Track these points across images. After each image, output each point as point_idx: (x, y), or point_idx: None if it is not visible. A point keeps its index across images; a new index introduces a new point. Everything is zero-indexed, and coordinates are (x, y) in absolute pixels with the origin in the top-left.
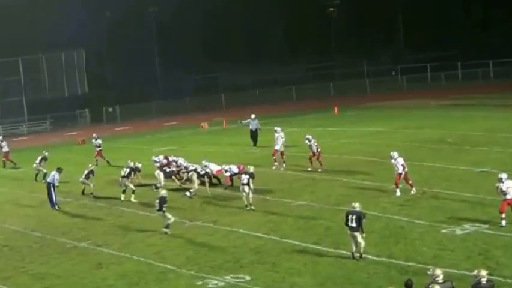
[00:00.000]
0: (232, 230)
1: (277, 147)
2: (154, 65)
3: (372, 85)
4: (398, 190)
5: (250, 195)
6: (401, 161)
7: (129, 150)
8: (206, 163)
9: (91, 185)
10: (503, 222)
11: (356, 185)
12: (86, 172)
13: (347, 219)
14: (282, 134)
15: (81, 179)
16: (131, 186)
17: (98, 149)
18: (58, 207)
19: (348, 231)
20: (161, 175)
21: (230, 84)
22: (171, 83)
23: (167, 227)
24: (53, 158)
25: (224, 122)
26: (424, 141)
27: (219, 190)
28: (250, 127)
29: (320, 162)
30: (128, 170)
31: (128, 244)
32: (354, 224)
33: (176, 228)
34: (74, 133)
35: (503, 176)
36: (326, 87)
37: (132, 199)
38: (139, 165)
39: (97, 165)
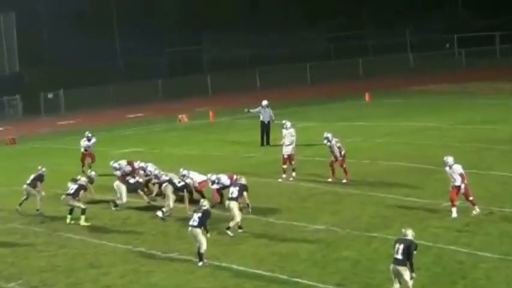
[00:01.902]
0: (221, 265)
1: (286, 151)
2: (113, 34)
3: (418, 62)
4: (454, 210)
5: (239, 217)
6: (458, 169)
7: (77, 153)
8: (185, 172)
9: (38, 197)
10: None
11: (396, 203)
12: (32, 177)
13: (394, 249)
14: (292, 130)
15: (25, 186)
16: (81, 205)
17: (84, 150)
18: None
19: (391, 265)
20: (123, 188)
21: (219, 61)
22: (136, 58)
23: (201, 257)
24: None
25: (211, 113)
26: (492, 141)
27: None
28: (261, 118)
29: (344, 170)
30: (75, 187)
31: (76, 285)
32: (400, 256)
33: (143, 262)
34: (1, 128)
35: None
36: (354, 64)
37: (82, 222)
38: (92, 174)
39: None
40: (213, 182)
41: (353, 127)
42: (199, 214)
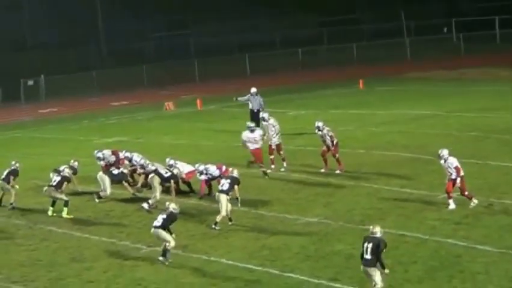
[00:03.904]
0: (210, 259)
1: (273, 141)
2: (96, 17)
3: (414, 47)
4: (451, 201)
5: (229, 207)
6: (454, 162)
7: (59, 143)
8: (172, 161)
9: (13, 192)
10: None
11: (391, 194)
12: (5, 172)
13: (362, 249)
14: (272, 121)
15: (0, 182)
16: (63, 197)
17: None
18: None
19: (361, 267)
20: (107, 179)
21: (207, 46)
22: (121, 43)
23: (164, 254)
24: None
25: (198, 101)
26: (490, 130)
27: (191, 201)
28: (251, 106)
29: (337, 160)
30: (59, 178)
31: (58, 280)
32: (369, 256)
33: (128, 256)
34: None
35: None
36: (347, 50)
37: (64, 214)
38: (75, 164)
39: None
40: (201, 173)
41: (347, 115)
42: (164, 216)
